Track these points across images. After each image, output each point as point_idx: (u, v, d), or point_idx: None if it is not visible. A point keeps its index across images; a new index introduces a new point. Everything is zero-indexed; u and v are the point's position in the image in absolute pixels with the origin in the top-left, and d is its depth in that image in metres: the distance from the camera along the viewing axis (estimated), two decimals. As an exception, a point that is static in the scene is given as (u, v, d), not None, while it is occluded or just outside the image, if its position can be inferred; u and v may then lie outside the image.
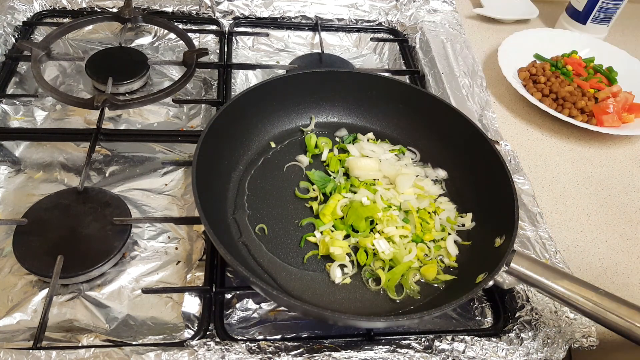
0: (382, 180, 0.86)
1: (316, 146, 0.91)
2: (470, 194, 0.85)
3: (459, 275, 0.75)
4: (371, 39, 1.25)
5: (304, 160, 0.89)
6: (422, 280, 0.74)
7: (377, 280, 0.73)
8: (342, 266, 0.74)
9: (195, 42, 1.13)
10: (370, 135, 0.94)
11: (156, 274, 0.75)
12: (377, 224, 0.78)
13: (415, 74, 1.15)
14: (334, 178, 0.86)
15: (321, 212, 0.80)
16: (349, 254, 0.76)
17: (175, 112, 1.01)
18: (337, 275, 0.73)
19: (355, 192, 0.83)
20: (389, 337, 0.67)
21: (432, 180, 0.87)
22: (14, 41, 1.06)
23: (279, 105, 0.91)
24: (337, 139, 0.94)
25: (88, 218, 0.76)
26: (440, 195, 0.85)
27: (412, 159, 0.91)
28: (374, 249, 0.74)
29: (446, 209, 0.83)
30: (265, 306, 0.72)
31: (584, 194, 0.96)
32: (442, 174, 0.89)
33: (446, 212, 0.82)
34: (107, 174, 0.88)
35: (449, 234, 0.79)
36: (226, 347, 0.62)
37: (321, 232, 0.78)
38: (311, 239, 0.78)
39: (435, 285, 0.74)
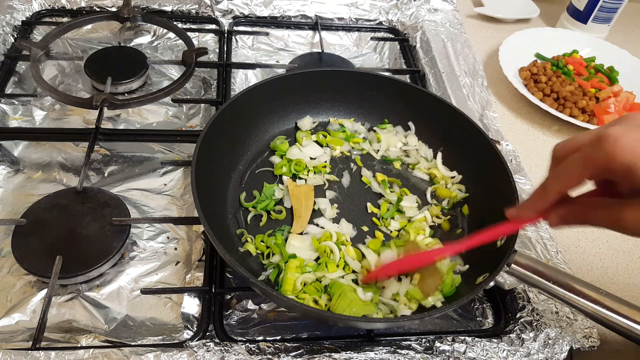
0: None
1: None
2: (471, 194, 0.84)
3: (460, 276, 0.74)
4: (371, 38, 1.25)
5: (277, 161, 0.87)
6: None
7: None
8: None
9: (195, 42, 1.13)
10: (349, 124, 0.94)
11: (155, 275, 0.75)
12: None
13: (416, 74, 1.14)
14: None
15: (282, 285, 0.68)
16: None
17: (175, 112, 1.01)
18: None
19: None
20: (390, 338, 0.67)
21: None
22: (12, 40, 1.06)
23: (278, 105, 0.90)
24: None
25: (87, 218, 0.75)
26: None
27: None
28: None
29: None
30: (264, 307, 0.72)
31: (585, 194, 0.96)
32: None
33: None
34: (106, 174, 0.87)
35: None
36: (225, 348, 0.62)
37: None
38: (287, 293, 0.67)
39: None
